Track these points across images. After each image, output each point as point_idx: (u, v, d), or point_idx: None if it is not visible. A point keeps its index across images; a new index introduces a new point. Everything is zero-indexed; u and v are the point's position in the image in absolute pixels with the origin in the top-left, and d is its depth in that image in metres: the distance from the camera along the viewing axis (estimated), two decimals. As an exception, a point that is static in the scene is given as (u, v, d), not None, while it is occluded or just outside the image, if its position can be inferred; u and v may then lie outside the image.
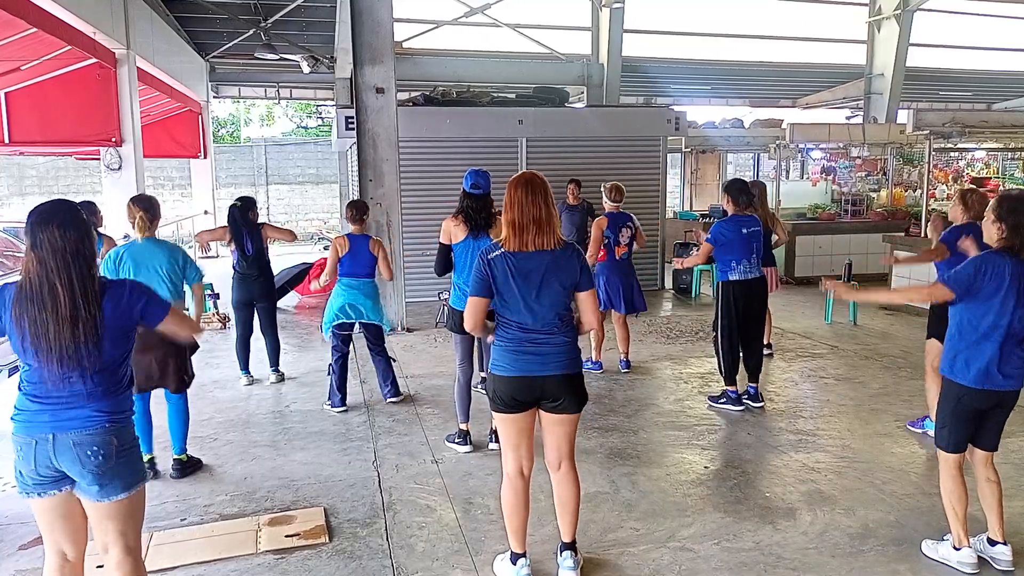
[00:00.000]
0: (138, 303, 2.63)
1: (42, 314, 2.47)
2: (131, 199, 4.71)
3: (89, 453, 2.53)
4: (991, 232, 3.29)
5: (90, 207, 5.97)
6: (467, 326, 3.28)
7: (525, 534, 3.37)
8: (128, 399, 2.68)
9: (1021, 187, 14.57)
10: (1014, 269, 3.19)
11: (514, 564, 3.36)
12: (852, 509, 4.06)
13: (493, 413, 3.38)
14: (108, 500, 2.57)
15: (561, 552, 3.43)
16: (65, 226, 2.50)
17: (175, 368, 4.51)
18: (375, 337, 6.01)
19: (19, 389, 2.59)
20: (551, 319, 3.21)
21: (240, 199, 6.61)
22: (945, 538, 3.50)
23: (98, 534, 2.65)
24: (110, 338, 2.56)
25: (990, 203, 3.35)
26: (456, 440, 4.98)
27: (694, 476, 4.58)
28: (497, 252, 3.17)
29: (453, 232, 4.84)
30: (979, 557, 3.44)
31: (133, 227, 4.63)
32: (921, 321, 8.53)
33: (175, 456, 4.66)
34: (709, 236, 5.70)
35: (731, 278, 5.67)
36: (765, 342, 7.24)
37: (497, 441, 4.87)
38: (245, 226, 6.45)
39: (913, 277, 9.21)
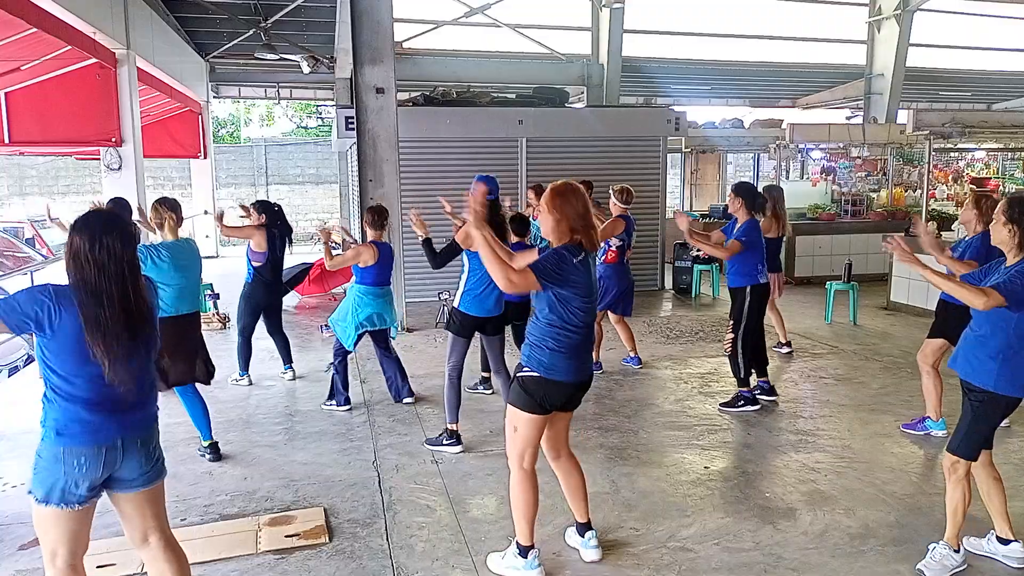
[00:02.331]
0: (156, 301, 2.81)
1: (105, 321, 2.51)
2: (157, 201, 4.80)
3: (151, 448, 2.74)
4: (1002, 235, 3.23)
5: (124, 204, 6.01)
6: (505, 286, 3.13)
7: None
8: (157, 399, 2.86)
9: (1021, 186, 14.59)
10: None
11: (525, 557, 3.40)
12: (852, 509, 4.06)
13: (523, 415, 3.29)
14: (154, 484, 2.75)
15: (582, 534, 3.58)
16: (126, 238, 2.61)
17: (203, 361, 4.85)
18: (385, 339, 6.00)
19: (60, 402, 2.54)
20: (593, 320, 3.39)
21: (275, 204, 6.66)
22: (932, 547, 3.43)
23: (137, 525, 2.76)
24: (153, 338, 2.73)
25: (999, 205, 3.31)
26: (446, 441, 4.97)
27: (694, 476, 4.57)
28: (582, 256, 3.18)
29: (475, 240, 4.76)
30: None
31: (162, 229, 4.68)
32: (921, 321, 8.55)
33: (206, 443, 4.91)
34: (744, 237, 5.52)
35: (761, 281, 5.67)
36: (784, 340, 7.53)
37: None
38: (284, 231, 6.53)
39: (914, 277, 9.21)
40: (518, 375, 3.32)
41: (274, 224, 6.50)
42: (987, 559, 3.50)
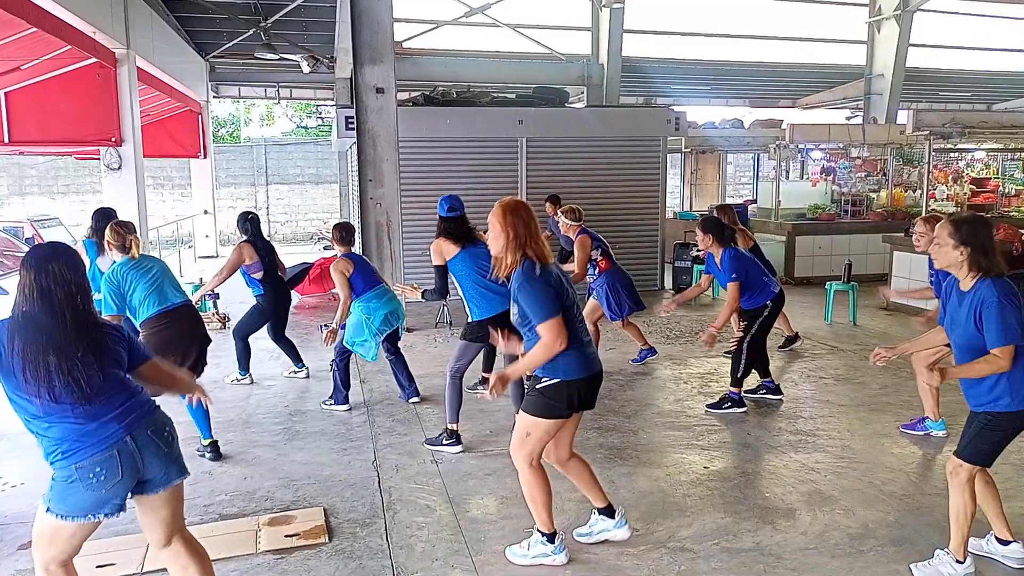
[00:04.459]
0: (125, 343, 2.73)
1: (48, 340, 2.48)
2: (114, 223, 4.68)
3: (166, 433, 2.69)
4: (951, 257, 3.18)
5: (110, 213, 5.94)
6: (562, 346, 3.22)
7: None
8: (147, 392, 2.81)
9: (1021, 187, 14.60)
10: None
11: (552, 542, 3.50)
12: (852, 509, 4.06)
13: (543, 422, 3.34)
14: (178, 480, 2.73)
15: (611, 515, 3.67)
16: (72, 263, 2.61)
17: (197, 358, 4.78)
18: (394, 340, 6.00)
19: (49, 429, 2.52)
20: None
21: (252, 215, 6.59)
22: (936, 555, 3.40)
23: (158, 528, 2.74)
24: (111, 358, 2.64)
25: (941, 227, 3.24)
26: (446, 441, 4.97)
27: (694, 476, 4.58)
28: (538, 265, 3.28)
29: (446, 250, 4.92)
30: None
31: (125, 249, 4.57)
32: (921, 321, 8.54)
33: (206, 441, 4.89)
34: (734, 275, 5.51)
35: (775, 291, 5.70)
36: (792, 333, 7.62)
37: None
38: (263, 239, 6.52)
39: (913, 278, 9.21)
40: (538, 387, 3.36)
41: (256, 236, 6.45)
42: (986, 559, 3.50)
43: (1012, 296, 3.10)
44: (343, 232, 5.94)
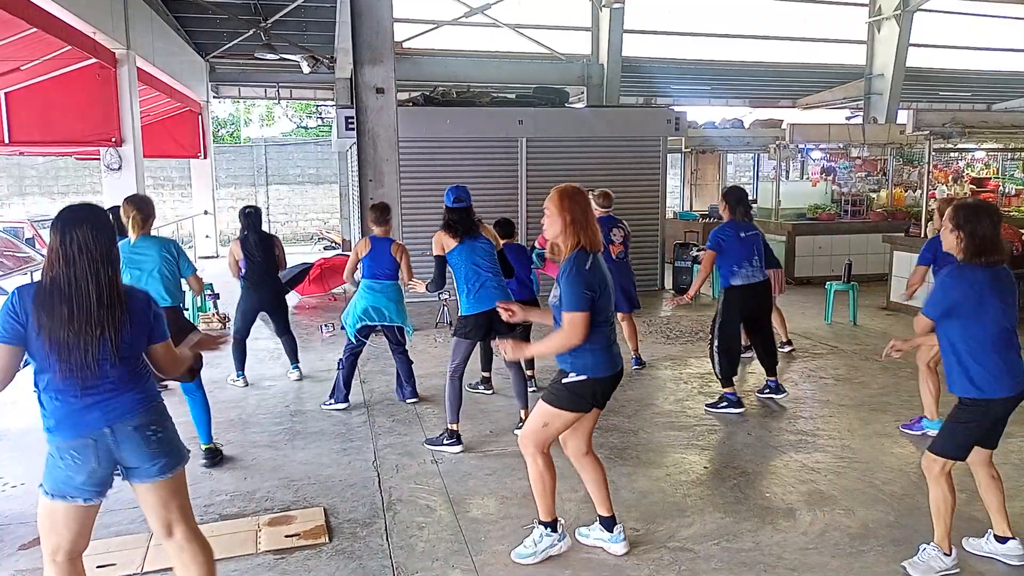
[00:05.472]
0: (152, 314, 2.70)
1: (70, 314, 2.48)
2: (125, 199, 4.81)
3: (148, 433, 2.63)
4: (950, 240, 3.32)
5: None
6: (579, 341, 3.25)
7: None
8: (153, 383, 2.76)
9: (1021, 187, 14.60)
10: (983, 276, 3.21)
11: (556, 530, 3.55)
12: (852, 509, 4.06)
13: (564, 414, 3.40)
14: (170, 475, 2.67)
15: (610, 528, 3.63)
16: (98, 229, 2.56)
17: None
18: (398, 338, 6.01)
19: (44, 397, 2.55)
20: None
21: (253, 207, 6.63)
22: (922, 549, 3.43)
23: (159, 516, 2.72)
24: (132, 336, 2.63)
25: (947, 212, 3.38)
26: (446, 441, 4.97)
27: (694, 476, 4.58)
28: (591, 259, 3.30)
29: (445, 242, 4.95)
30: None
31: (127, 227, 4.66)
32: (921, 321, 8.53)
33: (205, 446, 4.83)
34: (709, 243, 5.69)
35: (733, 283, 5.69)
36: (785, 339, 7.53)
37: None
38: (257, 234, 6.48)
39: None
40: (564, 382, 3.38)
41: (251, 230, 6.45)
42: (987, 559, 3.50)
43: (959, 279, 3.24)
44: (378, 212, 5.94)
